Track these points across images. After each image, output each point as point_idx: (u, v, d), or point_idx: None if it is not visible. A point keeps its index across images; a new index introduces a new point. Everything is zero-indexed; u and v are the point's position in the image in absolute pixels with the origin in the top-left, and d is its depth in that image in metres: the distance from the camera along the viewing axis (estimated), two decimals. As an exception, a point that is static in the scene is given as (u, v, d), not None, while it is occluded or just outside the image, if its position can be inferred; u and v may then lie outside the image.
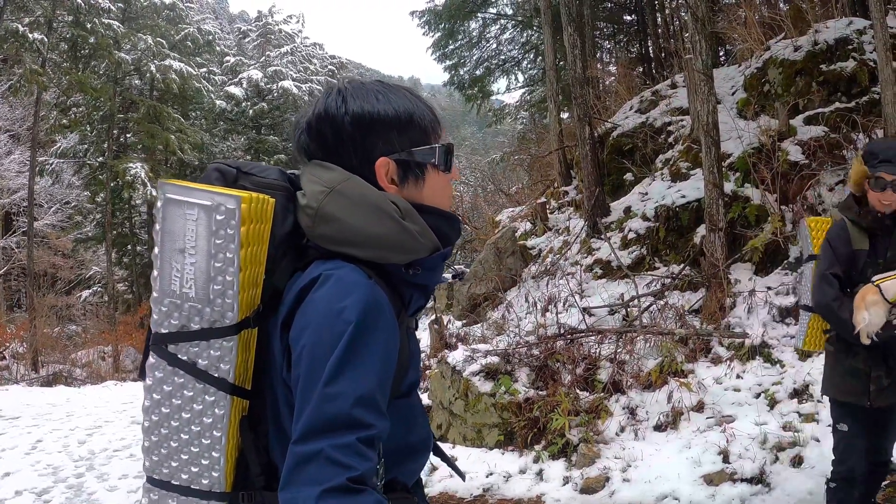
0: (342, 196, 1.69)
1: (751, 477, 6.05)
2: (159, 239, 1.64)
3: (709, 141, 9.20)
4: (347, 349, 1.54)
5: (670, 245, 10.60)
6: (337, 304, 1.59)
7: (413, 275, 1.77)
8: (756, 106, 11.88)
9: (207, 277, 1.61)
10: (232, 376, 1.67)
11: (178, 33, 34.87)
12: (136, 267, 34.94)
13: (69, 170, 34.43)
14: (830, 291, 4.21)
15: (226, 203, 1.59)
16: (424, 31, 25.27)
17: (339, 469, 1.45)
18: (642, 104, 15.17)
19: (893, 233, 4.11)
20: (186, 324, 1.65)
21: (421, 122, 1.83)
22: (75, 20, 29.19)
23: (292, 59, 39.93)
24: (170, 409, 1.69)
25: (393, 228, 1.69)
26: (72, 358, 25.17)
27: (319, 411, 1.50)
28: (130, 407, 14.29)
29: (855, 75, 11.26)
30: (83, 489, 7.86)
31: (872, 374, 4.11)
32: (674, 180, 11.63)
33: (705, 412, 7.24)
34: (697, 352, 8.22)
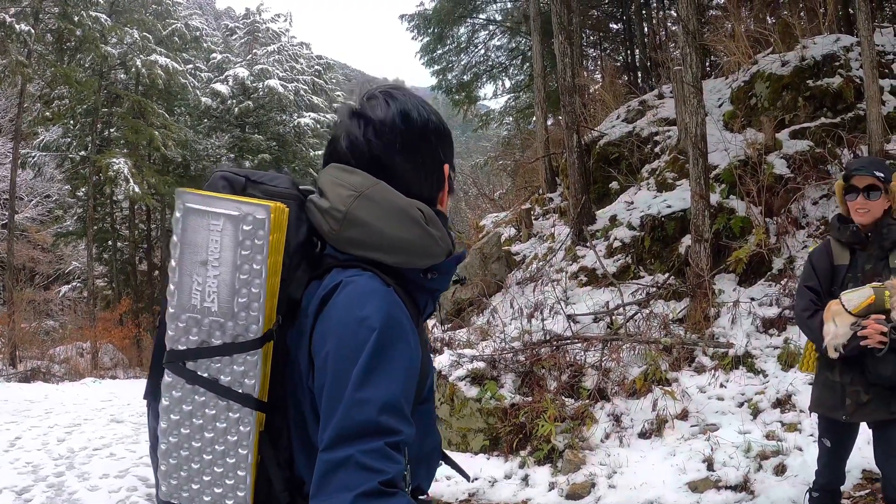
0: (371, 201, 1.68)
1: (735, 485, 6.13)
2: (178, 251, 1.59)
3: (696, 153, 9.29)
4: (372, 356, 1.53)
5: (655, 254, 10.69)
6: (359, 311, 1.58)
7: (431, 279, 1.78)
8: (742, 119, 12.01)
9: (232, 290, 1.57)
10: (257, 391, 1.63)
11: (165, 28, 34.68)
12: (116, 263, 34.73)
13: (51, 163, 34.15)
14: (802, 303, 4.36)
15: (254, 213, 1.57)
16: (413, 35, 25.32)
17: (370, 474, 1.44)
18: (629, 113, 15.29)
19: (871, 246, 4.18)
20: (207, 339, 1.60)
21: (448, 138, 1.91)
22: (62, 12, 28.96)
23: (279, 58, 39.76)
24: (190, 429, 1.63)
25: (419, 234, 1.70)
26: (50, 354, 25.01)
27: (347, 418, 1.49)
28: (109, 405, 14.32)
29: (841, 91, 11.41)
30: (64, 488, 7.81)
31: (849, 389, 4.16)
32: (660, 190, 11.73)
33: (689, 420, 7.33)
34: (681, 360, 8.32)
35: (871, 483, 5.75)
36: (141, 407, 13.65)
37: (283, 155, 38.18)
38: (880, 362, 3.99)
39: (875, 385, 4.08)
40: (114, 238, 35.15)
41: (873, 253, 4.18)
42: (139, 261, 37.15)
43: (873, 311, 3.95)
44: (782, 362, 7.70)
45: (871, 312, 3.96)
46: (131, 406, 14.09)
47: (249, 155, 36.37)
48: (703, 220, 9.27)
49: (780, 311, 8.39)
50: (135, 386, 19.03)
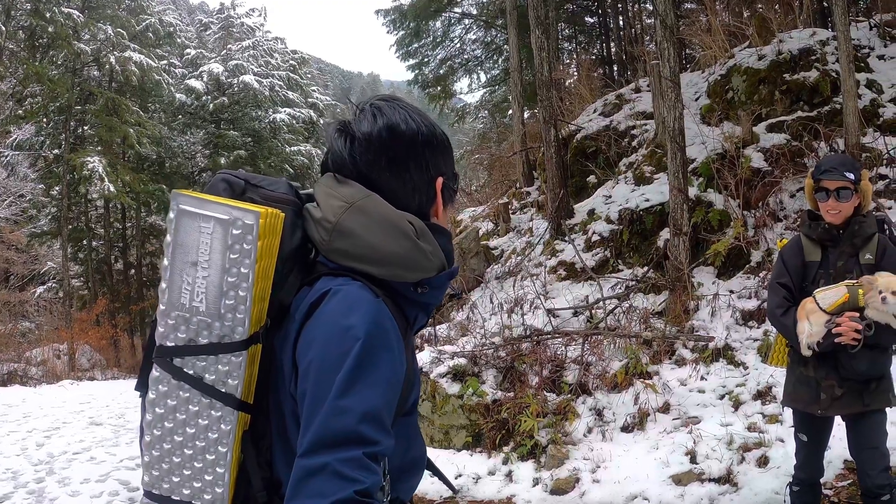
0: (361, 212, 1.69)
1: (718, 477, 6.19)
2: (170, 251, 1.62)
3: (674, 146, 9.33)
4: (355, 366, 1.54)
5: (634, 248, 10.75)
6: (344, 320, 1.59)
7: (421, 293, 1.77)
8: (720, 113, 12.08)
9: (220, 292, 1.60)
10: (240, 392, 1.66)
11: (138, 24, 34.29)
12: (91, 262, 34.32)
13: (24, 162, 33.81)
14: (774, 299, 4.41)
15: (244, 218, 1.59)
16: (389, 30, 25.28)
17: (345, 482, 1.45)
18: (606, 107, 15.34)
19: (843, 244, 4.23)
20: (194, 338, 1.64)
21: (446, 149, 1.89)
22: (34, 8, 28.67)
23: (254, 54, 39.49)
24: (173, 423, 1.67)
25: (408, 247, 1.69)
26: (26, 356, 24.68)
27: (326, 426, 1.50)
28: (88, 407, 14.14)
29: (817, 85, 11.49)
30: (45, 494, 7.73)
31: (823, 384, 4.22)
32: (637, 184, 11.78)
33: (671, 413, 7.38)
34: (662, 354, 8.37)
35: (853, 473, 5.81)
36: (119, 409, 13.64)
37: (258, 151, 37.87)
38: (854, 358, 4.07)
39: (849, 380, 4.15)
40: (89, 237, 34.66)
41: (845, 250, 4.23)
42: (115, 260, 36.81)
43: (847, 309, 4.01)
44: (762, 354, 7.76)
45: (844, 310, 4.02)
46: (110, 408, 13.95)
47: (224, 151, 36.06)
48: (682, 213, 9.30)
49: (759, 304, 8.45)
50: (113, 387, 18.86)
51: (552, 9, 19.82)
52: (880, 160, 10.10)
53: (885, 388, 4.22)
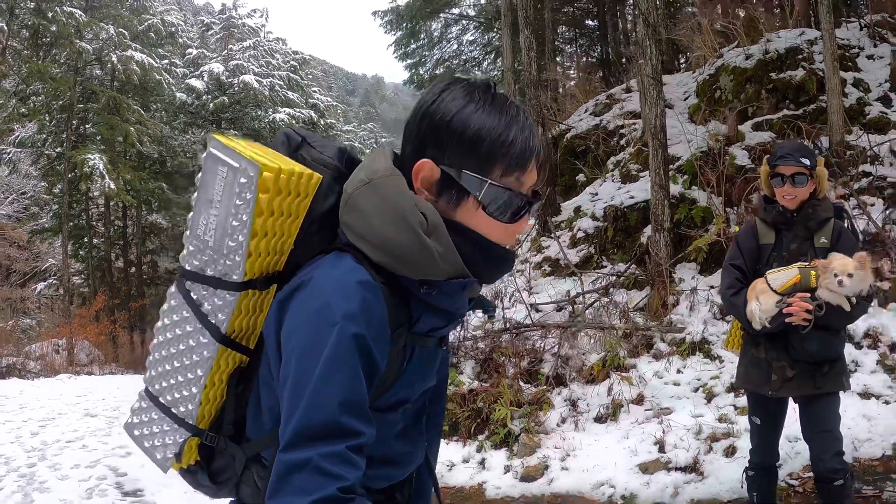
0: (375, 191, 1.65)
1: (685, 466, 6.27)
2: (198, 185, 1.69)
3: (656, 143, 9.45)
4: (334, 355, 1.52)
5: (618, 244, 10.85)
6: (322, 307, 1.57)
7: (426, 293, 1.68)
8: (706, 111, 12.17)
9: (224, 233, 1.65)
10: (225, 328, 1.72)
11: (141, 24, 34.51)
12: (92, 260, 34.49)
13: (27, 160, 33.96)
14: (727, 280, 4.45)
15: (248, 169, 1.60)
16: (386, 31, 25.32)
17: (328, 479, 1.45)
18: (597, 107, 15.47)
19: (797, 227, 4.27)
20: (203, 268, 1.71)
21: (491, 149, 1.67)
22: (37, 7, 28.88)
23: (254, 54, 39.68)
24: (173, 335, 1.78)
25: (410, 241, 1.61)
26: (26, 351, 24.90)
27: (307, 418, 1.50)
28: (84, 400, 14.27)
29: (803, 84, 11.59)
30: (35, 478, 7.83)
31: (775, 365, 4.26)
32: (624, 182, 11.89)
33: (645, 405, 7.48)
34: (640, 347, 8.47)
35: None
36: (115, 402, 13.74)
37: (258, 151, 37.99)
38: (805, 339, 4.10)
39: (800, 361, 4.18)
40: (89, 235, 34.87)
41: (798, 233, 4.27)
42: (115, 257, 36.97)
43: (799, 290, 4.06)
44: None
45: (796, 291, 4.06)
46: (105, 401, 14.07)
47: (227, 151, 36.23)
48: (663, 209, 9.41)
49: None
50: (110, 382, 19.00)
51: (548, 10, 19.90)
52: (864, 157, 10.18)
53: (838, 371, 4.24)
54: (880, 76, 11.97)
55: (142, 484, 7.46)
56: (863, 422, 6.53)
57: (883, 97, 11.57)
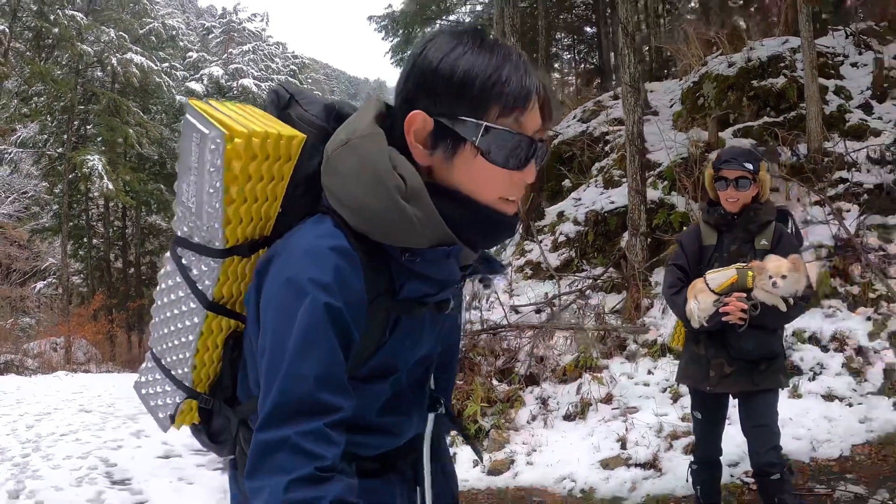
0: (353, 152, 1.56)
1: (644, 462, 6.46)
2: (179, 152, 1.66)
3: (633, 150, 9.65)
4: (307, 329, 1.48)
5: (598, 248, 11.04)
6: (298, 277, 1.51)
7: (408, 261, 1.60)
8: (689, 118, 12.37)
9: (201, 200, 1.61)
10: (211, 294, 1.71)
11: (142, 27, 34.84)
12: (91, 260, 34.79)
13: (28, 160, 34.23)
14: (669, 279, 4.60)
15: (216, 136, 1.54)
16: (383, 36, 25.45)
17: (306, 458, 1.42)
18: (584, 114, 15.68)
19: (737, 229, 4.42)
20: (191, 234, 1.69)
21: (483, 89, 1.55)
22: (39, 10, 29.17)
23: (254, 58, 40.01)
24: (168, 300, 1.81)
25: (385, 206, 1.52)
26: (24, 348, 25.18)
27: (283, 395, 1.47)
28: (80, 396, 14.52)
29: (784, 91, 11.78)
30: (28, 467, 8.06)
31: (713, 362, 4.40)
32: (606, 187, 12.09)
33: (613, 403, 7.68)
34: (613, 349, 8.65)
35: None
36: (110, 399, 13.96)
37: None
38: (742, 337, 4.25)
39: (738, 359, 4.33)
40: (89, 235, 35.23)
41: (739, 235, 4.42)
42: (114, 258, 37.22)
43: (736, 290, 4.20)
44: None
45: (733, 291, 4.21)
46: (101, 398, 14.29)
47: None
48: (640, 214, 9.61)
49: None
50: (107, 379, 19.26)
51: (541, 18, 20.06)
52: (841, 164, 10.36)
53: (775, 368, 4.37)
54: (863, 84, 12.15)
55: (130, 474, 7.68)
56: (824, 423, 6.73)
57: (864, 104, 11.75)
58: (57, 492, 7.05)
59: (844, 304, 8.42)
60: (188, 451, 8.67)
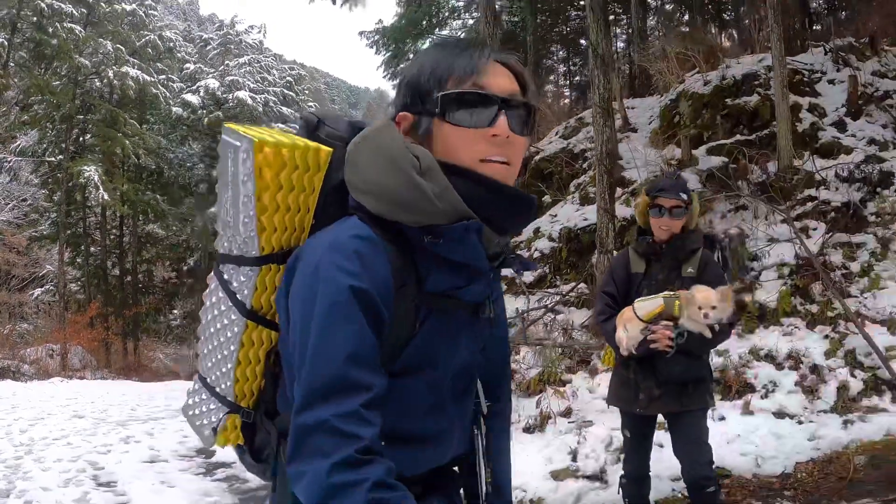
0: (368, 143, 1.67)
1: (591, 474, 6.69)
2: (218, 174, 1.77)
3: (602, 169, 9.88)
4: (330, 308, 1.53)
5: (571, 264, 11.26)
6: (320, 264, 1.57)
7: (432, 243, 1.63)
8: (665, 135, 12.59)
9: (237, 210, 1.71)
10: (249, 303, 1.79)
11: (139, 39, 35.07)
12: (88, 267, 34.96)
13: (27, 168, 34.50)
14: (598, 307, 4.77)
15: (245, 145, 1.66)
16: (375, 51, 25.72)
17: (345, 440, 1.45)
18: (566, 130, 15.85)
19: (665, 258, 4.58)
20: (230, 248, 1.79)
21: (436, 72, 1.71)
22: (38, 23, 29.47)
23: (250, 70, 40.18)
24: (212, 316, 1.89)
25: (403, 183, 1.60)
26: (21, 354, 25.38)
27: (313, 376, 1.51)
28: (74, 402, 14.84)
29: (757, 109, 11.99)
30: (20, 469, 8.37)
31: (642, 385, 4.55)
32: (582, 204, 12.30)
33: (571, 417, 7.88)
34: (577, 364, 8.87)
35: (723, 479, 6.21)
36: (103, 405, 14.34)
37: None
38: (670, 362, 4.40)
39: (666, 382, 4.48)
40: (86, 243, 35.46)
41: (667, 264, 4.58)
42: (112, 266, 37.46)
43: (663, 318, 4.34)
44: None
45: (660, 319, 4.35)
46: (94, 404, 14.59)
47: (219, 163, 36.62)
48: (607, 232, 9.83)
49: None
50: (101, 386, 19.61)
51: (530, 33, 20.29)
52: (811, 182, 10.54)
53: (702, 391, 4.55)
54: (838, 101, 12.33)
55: (116, 477, 7.99)
56: (771, 440, 6.90)
57: (838, 122, 11.94)
58: (45, 492, 7.33)
59: (804, 323, 8.62)
60: (174, 457, 9.01)
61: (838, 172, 10.61)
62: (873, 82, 12.63)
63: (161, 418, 12.28)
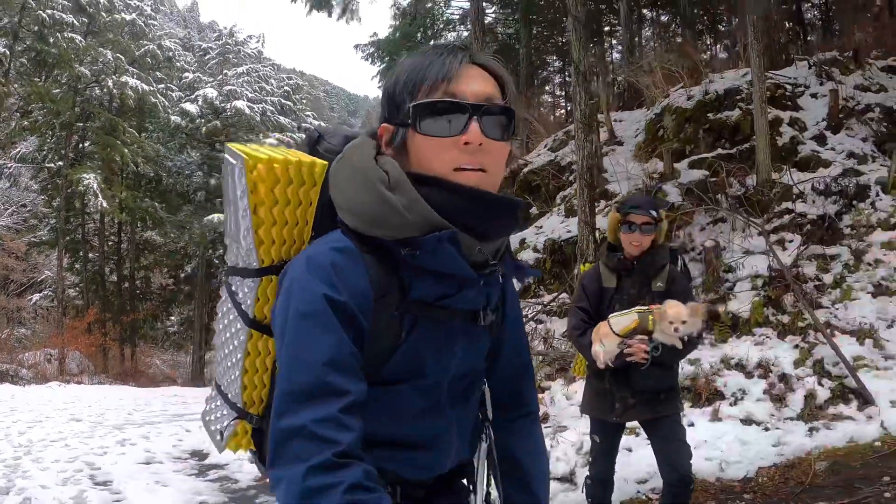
0: (345, 162, 1.72)
1: (562, 476, 7.00)
2: (223, 193, 1.86)
3: (583, 183, 10.17)
4: (305, 317, 1.56)
5: (555, 275, 11.52)
6: (298, 277, 1.61)
7: (409, 255, 1.63)
8: (649, 149, 12.87)
9: (237, 224, 1.78)
10: (252, 313, 1.81)
11: (139, 49, 35.30)
12: (86, 273, 35.15)
13: (27, 174, 34.74)
14: (573, 321, 4.85)
15: (238, 162, 1.71)
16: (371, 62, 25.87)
17: (323, 445, 1.46)
18: (555, 143, 16.07)
19: (635, 273, 4.75)
20: (236, 261, 1.85)
21: (409, 80, 1.70)
22: (39, 33, 29.76)
23: (248, 80, 40.32)
24: (223, 326, 1.94)
25: (373, 199, 1.63)
26: (19, 358, 25.54)
27: (291, 381, 1.53)
28: (71, 406, 15.16)
29: (739, 124, 12.24)
30: (19, 468, 8.67)
31: (618, 395, 4.67)
32: (567, 216, 12.57)
33: (548, 423, 8.16)
34: (556, 372, 9.16)
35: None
36: (100, 409, 14.63)
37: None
38: (644, 373, 4.58)
39: (641, 392, 4.67)
40: (85, 249, 35.67)
41: (637, 279, 4.75)
42: (110, 272, 37.69)
43: (638, 333, 4.52)
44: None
45: (636, 333, 4.52)
46: (91, 408, 14.90)
47: (217, 172, 36.69)
48: (587, 244, 10.12)
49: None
50: (98, 391, 19.96)
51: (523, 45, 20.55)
52: (789, 195, 10.80)
53: (673, 398, 4.77)
54: (820, 114, 12.51)
55: (112, 476, 8.28)
56: (736, 445, 7.12)
57: (818, 135, 12.12)
58: (43, 490, 7.60)
59: (775, 333, 8.88)
60: (168, 459, 9.32)
61: (815, 186, 10.81)
62: (855, 96, 12.78)
63: (157, 423, 12.55)
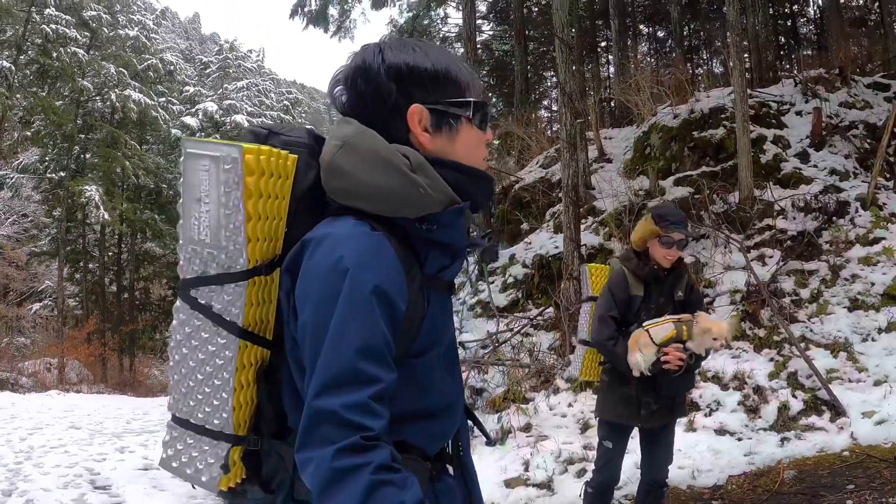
0: (352, 149, 1.70)
1: (540, 483, 7.33)
2: (182, 191, 1.74)
3: (568, 200, 10.49)
4: (349, 303, 1.57)
5: (543, 290, 11.80)
6: (332, 259, 1.61)
7: (427, 230, 1.73)
8: (636, 166, 13.19)
9: (218, 224, 1.69)
10: (241, 320, 1.74)
11: (141, 63, 35.74)
12: (86, 283, 35.48)
13: (29, 184, 35.06)
14: (606, 331, 4.81)
15: (231, 153, 1.66)
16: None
17: (351, 429, 1.49)
18: (546, 160, 16.31)
19: (664, 283, 4.87)
20: (206, 269, 1.74)
21: (457, 75, 1.83)
22: (43, 47, 30.14)
23: (248, 94, 40.72)
24: (188, 349, 1.79)
25: (400, 182, 1.67)
26: (19, 367, 25.89)
27: (327, 367, 1.54)
28: (71, 414, 15.37)
29: (723, 142, 12.54)
30: (20, 472, 9.00)
31: (643, 401, 4.80)
32: (556, 232, 12.83)
33: (531, 432, 8.49)
34: (541, 384, 9.49)
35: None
36: (100, 418, 14.85)
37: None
38: (673, 380, 4.74)
39: (664, 397, 4.82)
40: (85, 260, 36.08)
41: (664, 289, 4.88)
42: (109, 282, 38.00)
43: (674, 342, 4.63)
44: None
45: (672, 343, 4.63)
46: (91, 416, 15.13)
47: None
48: (573, 260, 10.43)
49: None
50: (97, 400, 20.08)
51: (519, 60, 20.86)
52: (771, 212, 11.11)
53: (683, 400, 5.11)
54: (804, 132, 12.76)
55: (111, 481, 8.63)
56: (709, 455, 7.47)
57: (802, 153, 12.39)
58: (45, 493, 7.96)
59: (751, 346, 9.19)
60: (167, 465, 9.61)
61: (795, 202, 11.14)
62: (839, 113, 13.03)
63: (155, 431, 12.79)
